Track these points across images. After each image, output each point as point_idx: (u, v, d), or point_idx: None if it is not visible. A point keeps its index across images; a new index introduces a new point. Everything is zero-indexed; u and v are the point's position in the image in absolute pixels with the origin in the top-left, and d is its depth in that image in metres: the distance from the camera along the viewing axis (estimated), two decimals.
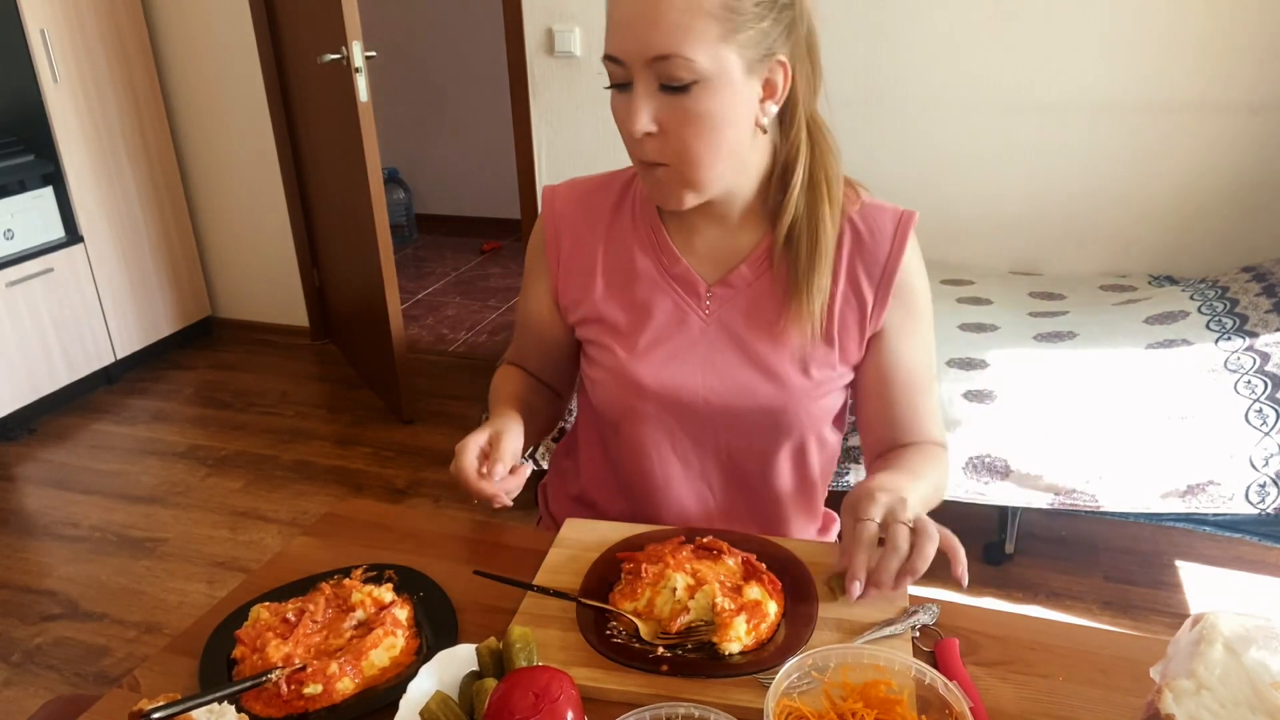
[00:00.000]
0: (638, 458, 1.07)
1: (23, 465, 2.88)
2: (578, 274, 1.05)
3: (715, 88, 0.85)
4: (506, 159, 3.65)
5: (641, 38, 0.84)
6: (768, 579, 0.87)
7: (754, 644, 0.81)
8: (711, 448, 1.05)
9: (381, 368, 3.10)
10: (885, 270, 0.98)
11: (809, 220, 0.95)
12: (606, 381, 1.04)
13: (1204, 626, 0.70)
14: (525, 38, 2.96)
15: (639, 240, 1.03)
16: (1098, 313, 2.38)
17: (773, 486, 1.08)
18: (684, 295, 1.01)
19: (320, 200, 3.35)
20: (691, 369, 1.00)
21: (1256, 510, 1.88)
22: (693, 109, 0.86)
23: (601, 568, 0.92)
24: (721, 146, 0.89)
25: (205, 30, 3.35)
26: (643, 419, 1.03)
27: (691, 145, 0.88)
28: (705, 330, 1.00)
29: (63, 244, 3.10)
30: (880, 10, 2.64)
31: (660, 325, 1.01)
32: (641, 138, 0.88)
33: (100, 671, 2.01)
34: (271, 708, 0.78)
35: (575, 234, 1.06)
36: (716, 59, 0.84)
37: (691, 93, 0.85)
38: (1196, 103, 2.51)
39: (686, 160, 0.89)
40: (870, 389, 1.04)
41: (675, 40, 0.83)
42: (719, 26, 0.83)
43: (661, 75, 0.85)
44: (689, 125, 0.87)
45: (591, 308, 1.04)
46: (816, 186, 0.95)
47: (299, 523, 2.53)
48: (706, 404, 1.01)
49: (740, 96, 0.87)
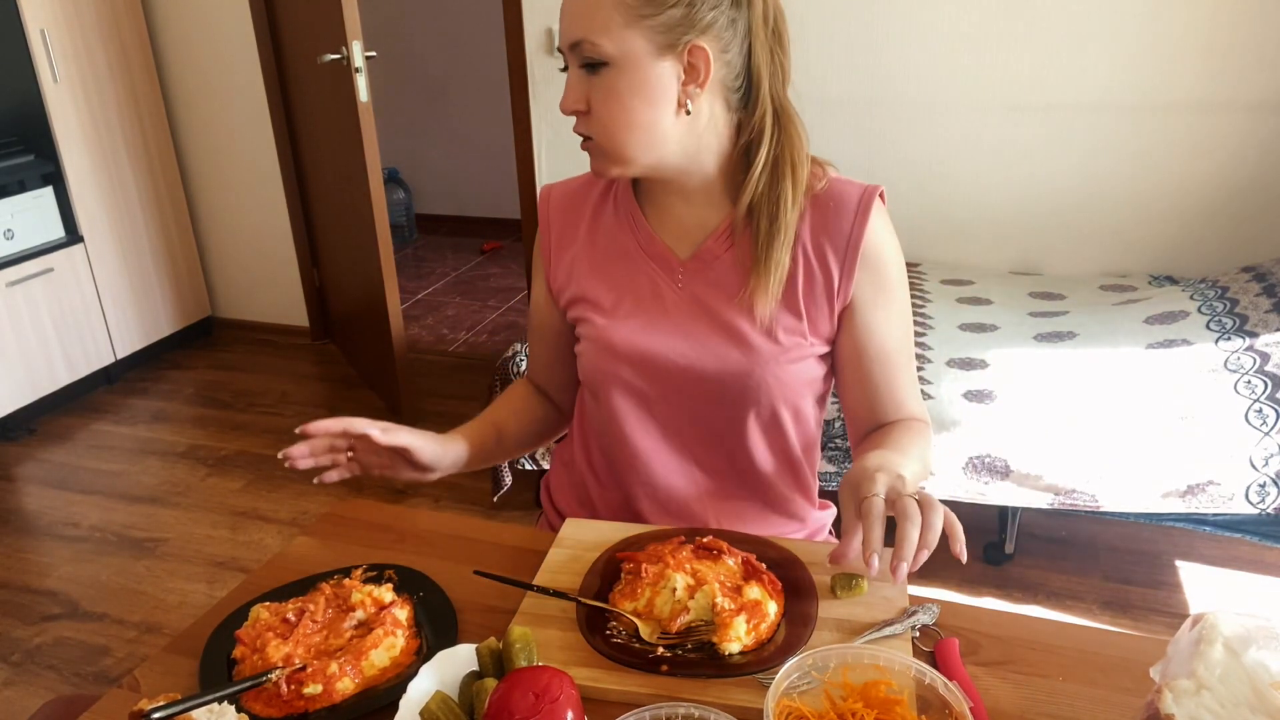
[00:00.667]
0: (618, 426, 1.10)
1: (23, 465, 2.88)
2: (566, 260, 1.12)
3: (623, 69, 0.94)
4: (506, 159, 3.66)
5: (565, 26, 0.96)
6: (768, 579, 0.87)
7: (754, 644, 0.81)
8: (687, 415, 1.08)
9: (381, 368, 3.10)
10: (850, 242, 1.02)
11: (769, 197, 1.00)
12: (587, 351, 1.10)
13: (1204, 626, 0.70)
14: (525, 38, 2.96)
15: (620, 224, 1.11)
16: (1098, 313, 2.38)
17: (754, 462, 1.10)
18: (659, 270, 1.07)
19: (320, 200, 3.35)
20: (664, 336, 1.06)
21: (1256, 510, 1.88)
22: (606, 87, 0.96)
23: (601, 568, 0.92)
24: (636, 123, 0.97)
25: (205, 30, 3.35)
26: (618, 384, 1.08)
27: (607, 121, 0.98)
28: (679, 302, 1.06)
29: (63, 244, 3.10)
30: (880, 10, 2.64)
31: (638, 298, 1.08)
32: (573, 115, 1.00)
33: (100, 671, 2.01)
34: (271, 708, 0.78)
35: (564, 224, 1.13)
36: (621, 43, 0.93)
37: (602, 74, 0.95)
38: (1196, 103, 2.51)
39: (605, 134, 0.99)
40: (847, 364, 1.07)
41: (583, 27, 0.94)
42: (624, 13, 0.93)
43: (580, 57, 0.96)
44: (604, 103, 0.97)
45: (577, 287, 1.11)
46: (780, 167, 1.00)
47: (299, 523, 2.53)
48: (678, 368, 1.05)
49: (650, 76, 0.95)
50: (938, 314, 2.44)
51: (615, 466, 1.14)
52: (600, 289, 1.09)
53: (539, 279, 1.17)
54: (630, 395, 1.08)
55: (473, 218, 5.10)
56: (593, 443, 1.17)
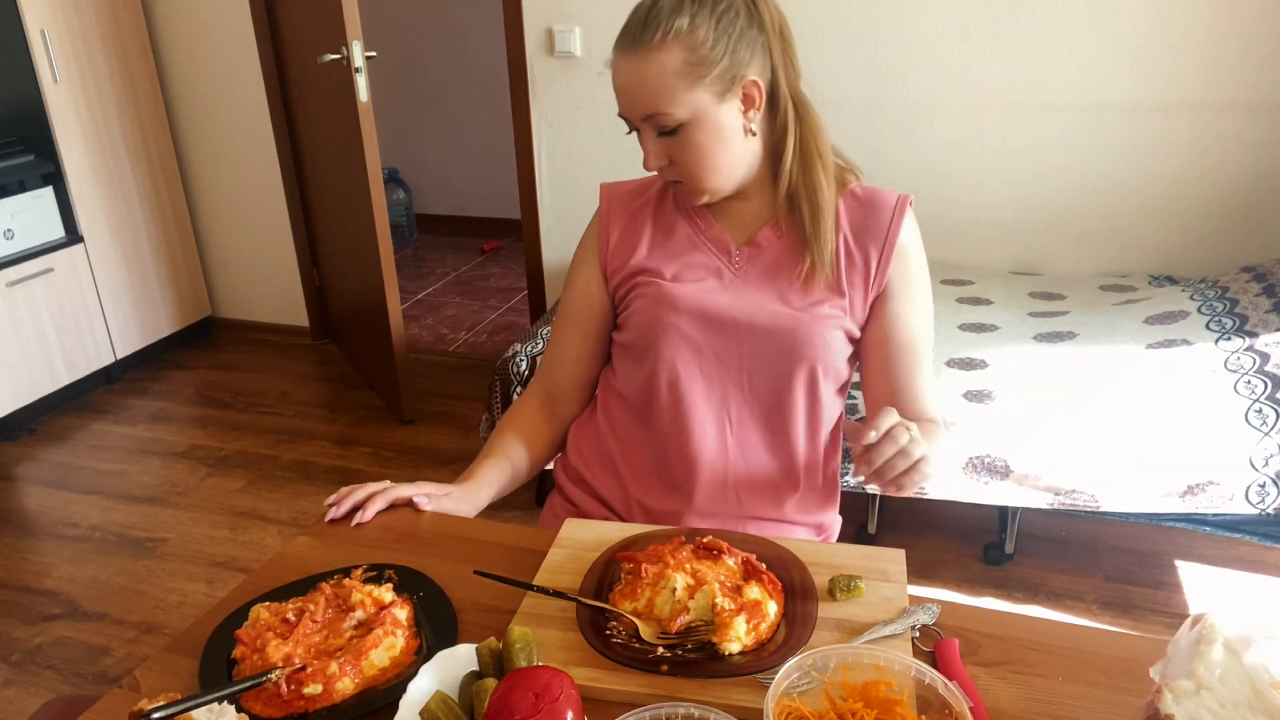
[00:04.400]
0: (664, 378, 1.16)
1: (23, 465, 2.88)
2: (626, 247, 1.21)
3: (697, 125, 1.05)
4: (506, 159, 3.66)
5: (631, 102, 1.07)
6: (768, 579, 0.87)
7: (754, 644, 0.81)
8: (734, 365, 1.15)
9: (381, 368, 3.10)
10: (888, 236, 1.13)
11: (805, 183, 1.11)
12: (644, 308, 1.17)
13: (1204, 627, 0.70)
14: (525, 38, 2.96)
15: (680, 213, 1.21)
16: (1098, 313, 2.38)
17: (786, 421, 1.16)
18: (717, 252, 1.17)
19: (320, 200, 3.35)
20: (720, 296, 1.15)
21: (1256, 510, 1.88)
22: (684, 144, 1.07)
23: (601, 568, 0.92)
24: (720, 161, 1.09)
25: (205, 30, 3.35)
26: (673, 333, 1.15)
27: (694, 168, 1.09)
28: (734, 280, 1.16)
29: (63, 244, 3.10)
30: (880, 10, 2.64)
31: (698, 273, 1.17)
32: (657, 171, 1.12)
33: (100, 671, 2.01)
34: (271, 708, 0.78)
35: (626, 215, 1.23)
36: (690, 104, 1.04)
37: (679, 134, 1.06)
38: (1196, 103, 2.51)
39: (693, 178, 1.10)
40: (874, 351, 1.16)
41: (651, 101, 1.04)
42: (685, 80, 1.03)
43: (655, 125, 1.07)
44: (686, 156, 1.08)
45: (637, 265, 1.19)
46: (808, 154, 1.11)
47: (299, 523, 2.53)
48: (732, 320, 1.14)
49: (722, 121, 1.06)
50: (938, 314, 2.43)
51: (651, 424, 1.19)
52: (662, 263, 1.18)
53: (587, 266, 1.24)
54: (683, 345, 1.15)
55: (473, 218, 5.10)
56: (620, 410, 1.23)
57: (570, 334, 1.26)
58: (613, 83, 1.09)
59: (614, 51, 1.07)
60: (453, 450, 2.88)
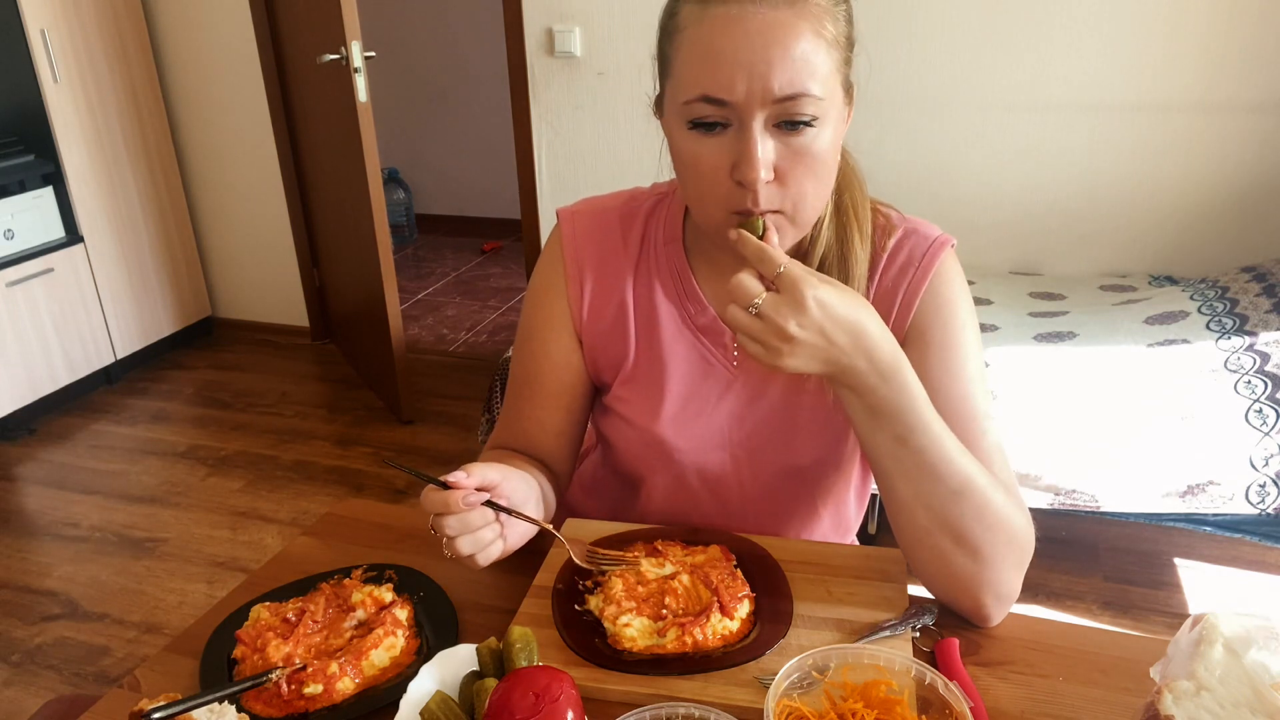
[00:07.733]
0: (665, 495, 1.02)
1: (23, 465, 2.88)
2: (604, 326, 0.95)
3: (829, 122, 0.77)
4: (506, 159, 3.66)
5: (764, 76, 0.73)
6: (737, 574, 0.88)
7: (736, 635, 0.82)
8: (737, 507, 1.00)
9: (381, 368, 3.10)
10: (912, 280, 0.89)
11: (840, 253, 0.86)
12: (628, 444, 0.99)
13: (1204, 627, 0.70)
14: (525, 38, 2.96)
15: (663, 283, 0.94)
16: (1098, 313, 2.38)
17: (808, 514, 1.03)
18: (709, 346, 0.93)
19: (320, 200, 3.35)
20: (718, 426, 0.94)
21: (1256, 510, 1.88)
22: (810, 148, 0.76)
23: (575, 565, 0.91)
24: (830, 182, 0.81)
25: (205, 30, 3.35)
26: (666, 474, 0.99)
27: (808, 190, 0.78)
28: (732, 383, 0.93)
29: (63, 244, 3.10)
30: (880, 11, 2.64)
31: (683, 379, 0.93)
32: (757, 187, 0.76)
33: (100, 671, 2.01)
34: (272, 708, 0.78)
35: (596, 261, 0.95)
36: (832, 91, 0.76)
37: (805, 132, 0.76)
38: (1196, 103, 2.51)
39: (803, 205, 0.79)
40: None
41: (804, 77, 0.73)
42: (837, 56, 0.76)
43: (782, 114, 0.75)
44: (803, 164, 0.77)
45: (626, 375, 0.95)
46: (844, 213, 0.87)
47: (299, 523, 2.53)
48: (734, 467, 0.96)
49: (842, 128, 0.81)
50: None
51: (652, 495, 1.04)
52: (642, 359, 0.94)
53: (557, 334, 0.97)
54: (679, 486, 0.99)
55: (473, 218, 5.10)
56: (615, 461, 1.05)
57: (548, 409, 0.99)
58: (706, 44, 0.75)
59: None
60: (453, 450, 2.88)
